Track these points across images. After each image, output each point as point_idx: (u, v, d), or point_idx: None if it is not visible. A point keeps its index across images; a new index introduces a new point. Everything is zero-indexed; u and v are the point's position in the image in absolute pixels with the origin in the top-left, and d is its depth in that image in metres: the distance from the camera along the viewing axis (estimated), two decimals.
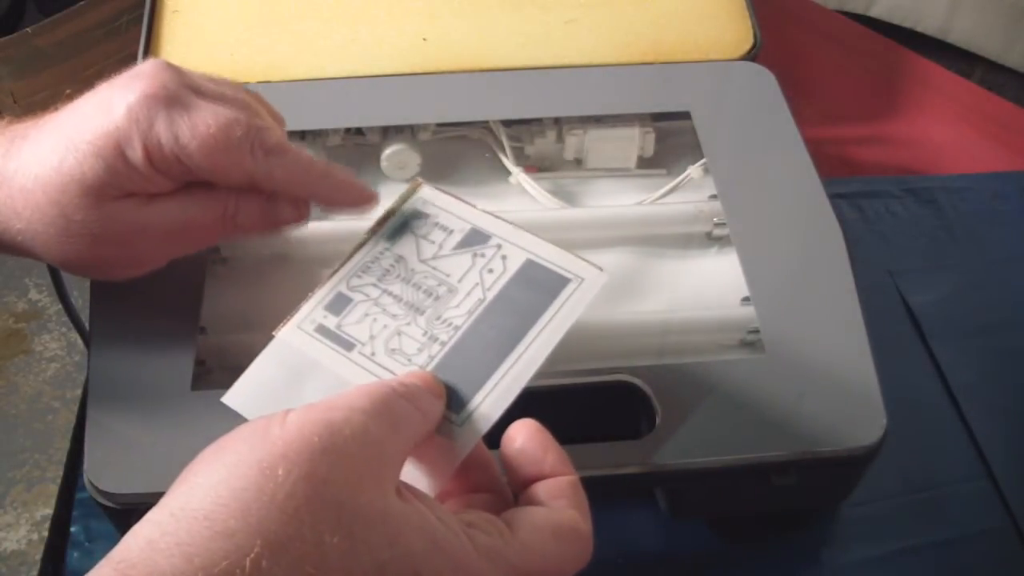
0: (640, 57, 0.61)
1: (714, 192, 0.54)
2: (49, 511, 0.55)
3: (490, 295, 0.38)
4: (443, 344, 0.36)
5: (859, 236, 0.68)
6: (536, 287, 0.37)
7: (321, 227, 0.54)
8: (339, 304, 0.39)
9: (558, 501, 0.33)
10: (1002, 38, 1.21)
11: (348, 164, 0.59)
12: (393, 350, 0.37)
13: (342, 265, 0.41)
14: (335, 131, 0.58)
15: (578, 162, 0.60)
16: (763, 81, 0.59)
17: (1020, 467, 0.56)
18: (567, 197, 0.58)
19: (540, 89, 0.59)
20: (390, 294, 0.39)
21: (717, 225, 0.55)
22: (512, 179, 0.58)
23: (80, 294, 0.52)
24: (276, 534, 0.27)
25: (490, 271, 0.38)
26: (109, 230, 0.40)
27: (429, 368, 0.36)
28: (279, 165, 0.40)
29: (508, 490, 0.35)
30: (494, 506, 0.34)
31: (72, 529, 0.54)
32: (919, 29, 1.24)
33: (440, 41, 0.61)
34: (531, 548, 0.31)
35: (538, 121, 0.59)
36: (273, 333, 0.39)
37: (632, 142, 0.59)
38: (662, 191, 0.57)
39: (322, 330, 0.38)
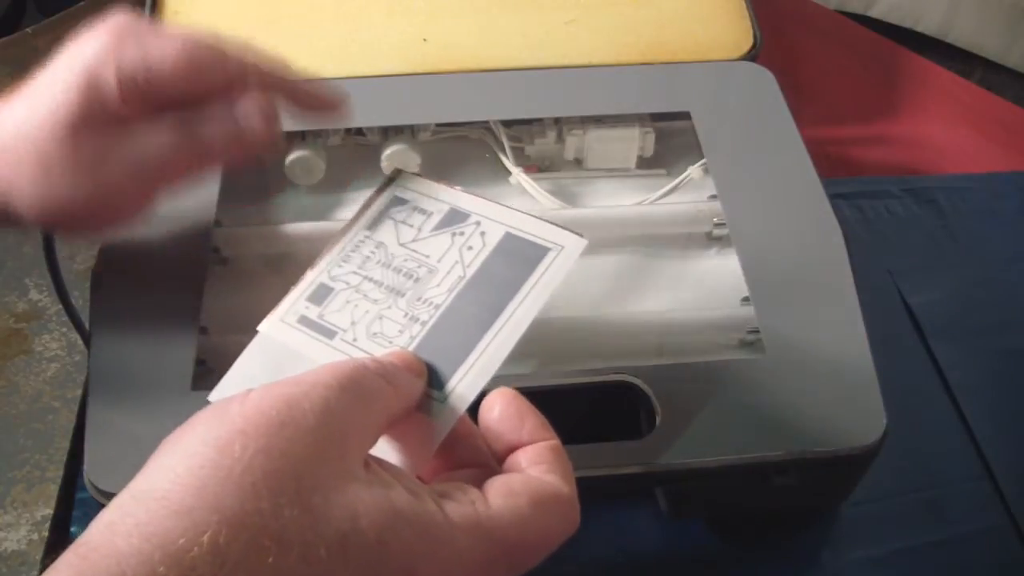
0: (640, 57, 0.61)
1: (714, 192, 0.54)
2: (49, 511, 0.55)
3: (470, 272, 0.37)
4: (424, 324, 0.36)
5: (859, 236, 0.68)
6: (516, 259, 0.37)
7: (321, 227, 0.54)
8: (321, 294, 0.39)
9: (538, 467, 0.33)
10: (1002, 38, 1.21)
11: (348, 164, 0.59)
12: (375, 334, 0.37)
13: (323, 256, 0.41)
14: (335, 131, 0.58)
15: (578, 162, 0.60)
16: (763, 81, 0.59)
17: (1020, 467, 0.56)
18: (567, 197, 0.58)
19: (540, 89, 0.59)
20: (371, 280, 0.39)
21: (717, 225, 0.55)
22: (512, 179, 0.58)
23: (80, 294, 0.52)
24: (233, 509, 0.27)
25: (469, 248, 0.38)
26: (84, 163, 0.40)
27: (411, 348, 0.36)
28: (254, 61, 0.41)
29: (495, 464, 0.35)
30: (479, 480, 0.33)
31: (72, 529, 0.54)
32: (919, 29, 1.23)
33: (440, 41, 0.61)
34: (507, 514, 0.31)
35: (538, 121, 0.59)
36: (257, 328, 0.39)
37: (632, 142, 0.59)
38: (662, 191, 0.57)
39: (304, 321, 0.38)
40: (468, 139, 0.60)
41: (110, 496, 0.42)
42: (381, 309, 0.38)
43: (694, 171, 0.57)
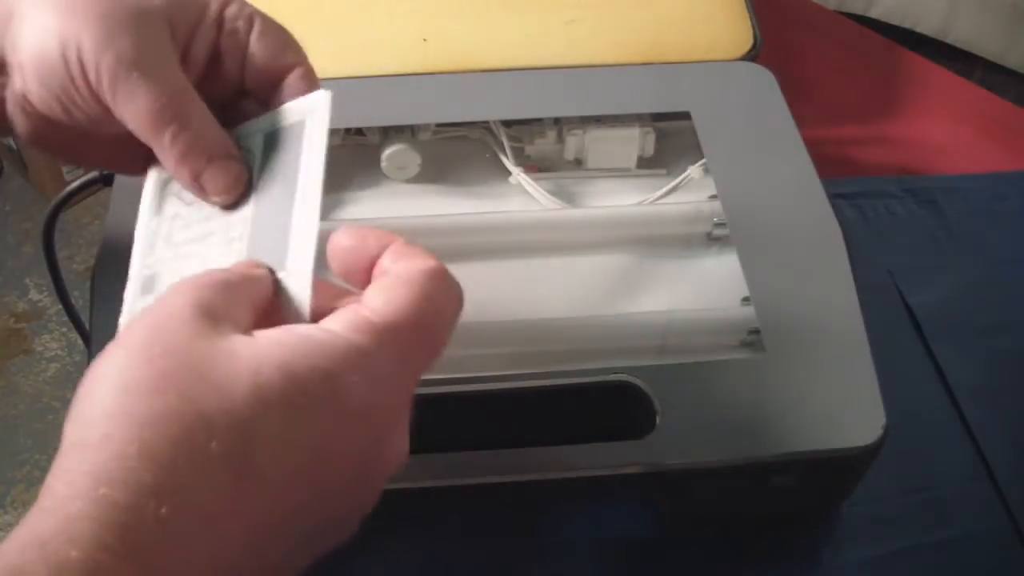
0: (640, 57, 0.61)
1: (714, 192, 0.54)
2: None
3: (257, 180, 0.39)
4: (242, 238, 0.37)
5: (859, 236, 0.68)
6: (284, 146, 0.39)
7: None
8: (150, 283, 0.39)
9: (398, 263, 0.33)
10: (1002, 38, 1.21)
11: (348, 164, 0.59)
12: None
13: (132, 259, 0.41)
14: (335, 131, 0.58)
15: (578, 162, 0.60)
16: (763, 81, 0.59)
17: (1020, 467, 0.56)
18: (567, 197, 0.58)
19: (540, 89, 0.59)
20: (183, 244, 0.39)
21: (717, 225, 0.55)
22: (512, 179, 0.58)
23: (80, 294, 0.52)
24: (146, 415, 0.27)
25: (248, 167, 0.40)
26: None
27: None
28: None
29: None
30: None
31: None
32: (919, 30, 1.24)
33: (440, 41, 0.61)
34: (391, 307, 0.31)
35: (538, 121, 0.59)
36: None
37: (632, 142, 0.59)
38: (662, 191, 0.57)
39: None
40: (468, 139, 0.60)
41: None
42: (204, 255, 0.38)
43: (694, 171, 0.57)
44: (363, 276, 0.34)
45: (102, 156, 0.42)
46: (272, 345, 0.30)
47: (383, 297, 0.32)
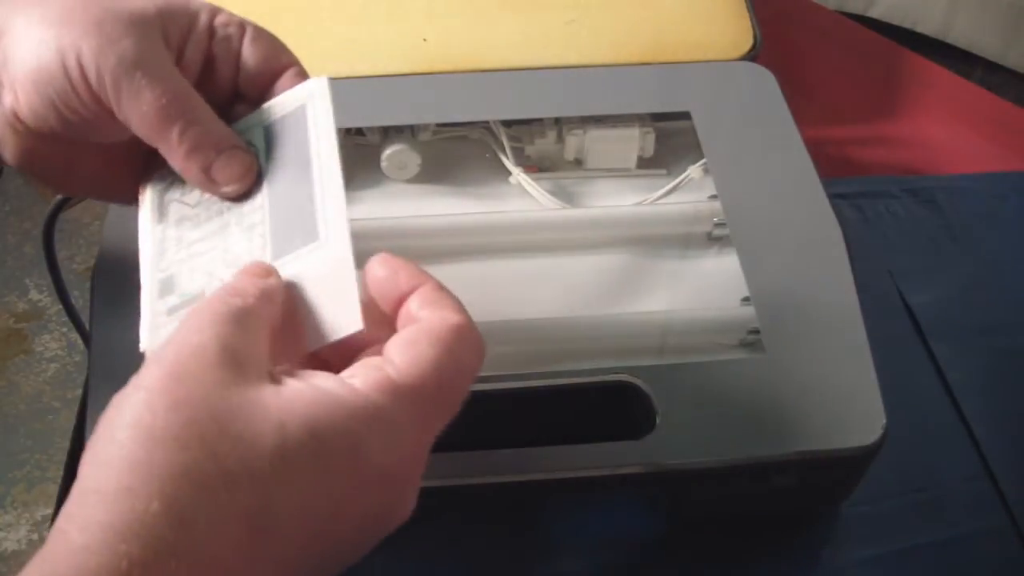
0: (640, 57, 0.61)
1: (714, 192, 0.54)
2: (49, 511, 0.56)
3: (266, 168, 0.39)
4: (263, 223, 0.38)
5: (859, 236, 0.68)
6: (289, 132, 0.39)
7: None
8: (168, 285, 0.39)
9: (426, 309, 0.33)
10: (1002, 38, 1.21)
11: (348, 164, 0.59)
12: (234, 266, 0.37)
13: (142, 269, 0.40)
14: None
15: (578, 162, 0.60)
16: (763, 81, 0.59)
17: (1020, 467, 0.56)
18: (567, 197, 0.58)
19: (540, 89, 0.59)
20: (196, 243, 0.39)
21: (717, 225, 0.55)
22: (512, 179, 0.58)
23: (80, 294, 0.52)
24: (168, 469, 0.28)
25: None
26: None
27: (267, 247, 0.37)
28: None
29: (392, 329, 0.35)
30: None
31: None
32: (919, 30, 1.24)
33: (440, 41, 0.61)
34: (414, 367, 0.32)
35: (538, 121, 0.59)
36: (141, 350, 0.39)
37: (632, 142, 0.59)
38: (662, 191, 0.57)
39: (174, 310, 0.38)
40: (468, 139, 0.60)
41: None
42: (224, 247, 0.38)
43: (694, 171, 0.57)
44: (390, 306, 0.35)
45: (92, 175, 0.42)
46: (297, 396, 0.30)
47: (407, 354, 0.32)
